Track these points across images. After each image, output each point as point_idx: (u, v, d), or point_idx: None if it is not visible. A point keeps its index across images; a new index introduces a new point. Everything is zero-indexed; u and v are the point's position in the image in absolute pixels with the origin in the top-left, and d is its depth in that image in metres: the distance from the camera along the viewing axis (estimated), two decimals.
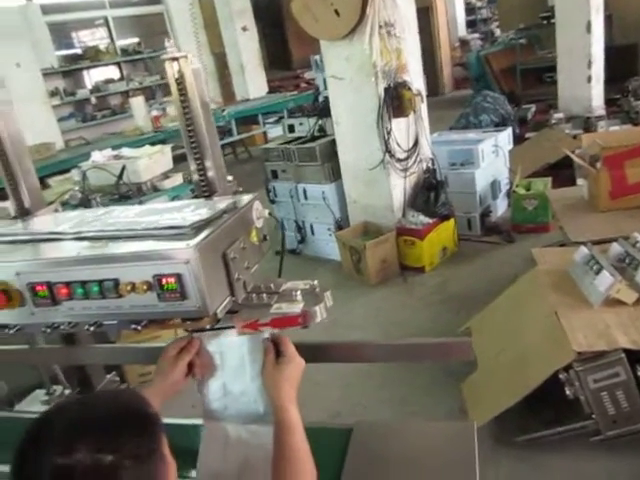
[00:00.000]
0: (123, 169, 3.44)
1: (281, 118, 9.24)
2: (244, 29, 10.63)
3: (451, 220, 4.49)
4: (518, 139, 6.17)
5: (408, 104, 4.03)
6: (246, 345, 1.36)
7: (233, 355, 1.38)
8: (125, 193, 3.47)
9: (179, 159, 4.51)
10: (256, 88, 10.85)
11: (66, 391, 2.37)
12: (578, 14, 6.44)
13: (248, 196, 1.44)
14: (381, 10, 3.86)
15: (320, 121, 4.95)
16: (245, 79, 10.85)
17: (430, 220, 4.30)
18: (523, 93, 8.82)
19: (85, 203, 3.26)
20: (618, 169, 3.27)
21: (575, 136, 5.79)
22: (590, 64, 6.58)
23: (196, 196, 1.56)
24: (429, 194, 4.34)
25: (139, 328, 1.22)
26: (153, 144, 4.45)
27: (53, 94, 9.71)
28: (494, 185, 5.05)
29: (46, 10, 9.95)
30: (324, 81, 5.23)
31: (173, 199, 3.40)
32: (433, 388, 2.97)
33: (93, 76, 11.33)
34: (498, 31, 13.02)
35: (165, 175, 3.81)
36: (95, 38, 11.55)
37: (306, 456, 1.16)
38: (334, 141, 4.60)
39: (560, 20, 6.74)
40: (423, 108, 4.44)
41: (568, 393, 2.24)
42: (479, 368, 2.74)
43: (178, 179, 3.84)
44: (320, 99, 5.42)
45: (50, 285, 1.19)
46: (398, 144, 4.23)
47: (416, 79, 4.30)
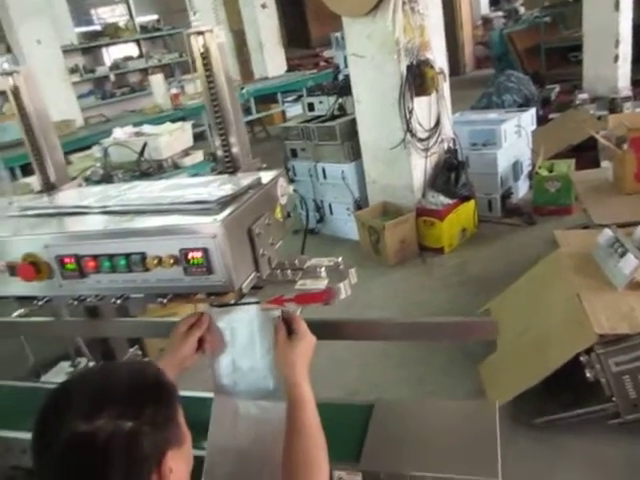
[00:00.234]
0: (144, 146, 3.45)
1: (300, 97, 9.18)
2: (263, 6, 10.53)
3: (471, 201, 4.45)
4: (541, 120, 6.05)
5: (430, 83, 3.97)
6: (256, 322, 1.37)
7: (243, 332, 1.39)
8: (146, 170, 3.48)
9: (198, 137, 4.52)
10: (275, 66, 10.77)
11: (90, 363, 2.41)
12: None
13: (272, 172, 1.44)
14: None
15: (340, 100, 4.90)
16: (264, 57, 10.77)
17: (450, 201, 4.27)
18: (547, 73, 8.64)
19: (107, 179, 3.28)
20: None
21: (600, 117, 5.68)
22: (617, 43, 6.41)
23: (220, 172, 1.56)
24: (450, 174, 4.30)
25: (164, 302, 1.23)
26: (173, 122, 4.45)
27: (73, 71, 9.74)
28: (516, 166, 4.98)
29: None
30: (344, 59, 5.18)
31: (193, 176, 3.40)
32: (451, 369, 2.97)
33: (112, 53, 11.33)
34: (522, 9, 12.70)
35: (185, 152, 3.82)
36: (114, 15, 11.55)
37: (318, 431, 1.18)
38: (354, 120, 4.56)
39: None
40: (445, 87, 4.37)
41: (589, 376, 2.23)
42: (498, 349, 2.73)
43: (198, 156, 3.84)
44: (340, 77, 5.36)
45: (78, 258, 1.20)
46: (419, 123, 4.18)
47: (439, 57, 4.23)
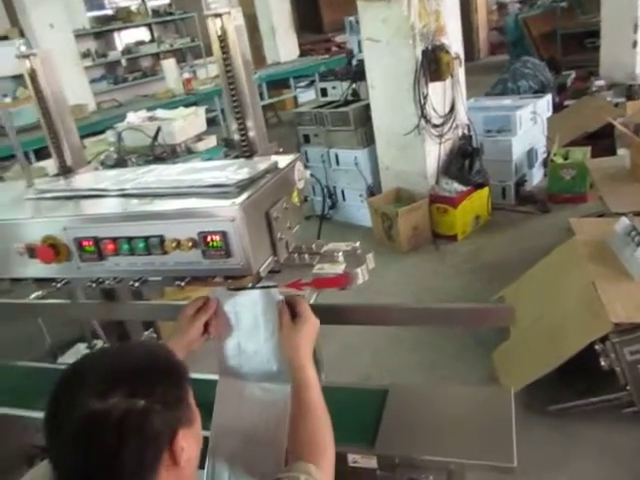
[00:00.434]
0: (158, 130, 3.44)
1: (312, 82, 9.13)
2: None
3: (485, 188, 4.41)
4: (557, 107, 5.98)
5: (446, 68, 3.93)
6: (260, 306, 1.38)
7: (247, 315, 1.40)
8: (159, 154, 3.49)
9: (210, 122, 4.51)
10: (287, 51, 10.68)
11: (106, 345, 2.44)
12: None
13: (289, 157, 1.43)
14: None
15: (354, 85, 4.87)
16: (276, 42, 10.68)
17: (464, 188, 4.24)
18: (562, 59, 8.52)
19: (121, 164, 3.29)
20: None
21: (617, 104, 5.60)
22: (636, 28, 6.29)
23: (237, 156, 1.55)
24: (464, 161, 4.26)
25: (182, 285, 1.23)
26: (186, 107, 4.44)
27: (85, 56, 9.72)
28: (531, 153, 4.93)
29: None
30: (358, 44, 5.12)
31: (207, 161, 3.41)
32: (463, 355, 2.97)
33: (123, 38, 11.29)
34: None
35: (199, 137, 3.81)
36: None
37: (323, 412, 1.20)
38: (368, 106, 4.53)
39: None
40: (461, 72, 4.33)
41: (603, 364, 2.22)
42: (512, 336, 2.73)
43: (212, 141, 3.84)
44: (354, 62, 5.31)
45: (97, 240, 1.21)
46: (434, 109, 4.15)
47: (454, 42, 4.19)
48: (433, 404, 1.50)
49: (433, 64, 3.95)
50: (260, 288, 1.34)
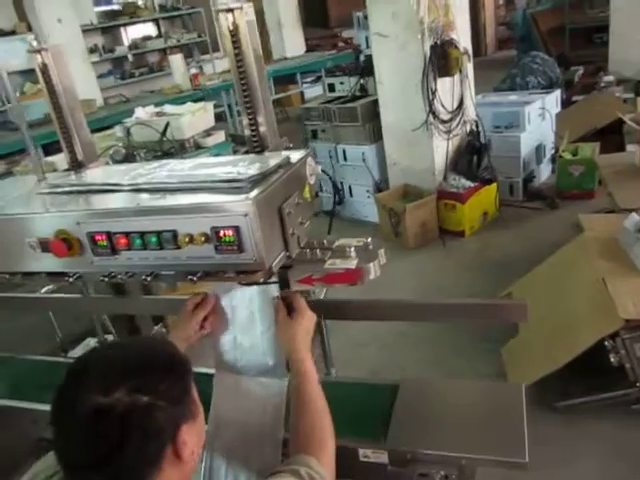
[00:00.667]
0: (167, 126, 3.44)
1: (319, 78, 9.11)
2: None
3: (493, 184, 4.40)
4: (565, 103, 5.95)
5: (455, 63, 3.92)
6: (256, 301, 1.40)
7: (244, 310, 1.42)
8: (168, 150, 3.49)
9: (217, 118, 4.50)
10: (294, 47, 10.66)
11: (114, 340, 2.45)
12: None
13: (301, 152, 1.44)
14: None
15: (362, 80, 4.85)
16: (283, 37, 10.67)
17: (472, 184, 4.23)
18: (571, 54, 8.47)
19: (129, 159, 3.29)
20: None
21: (626, 100, 5.57)
22: None
23: (247, 151, 1.55)
24: (472, 157, 4.25)
25: (195, 279, 1.23)
26: (193, 102, 4.44)
27: (92, 51, 9.72)
28: (539, 149, 4.91)
29: None
30: (366, 39, 5.12)
31: (215, 156, 3.41)
32: (470, 351, 2.97)
33: (130, 33, 11.28)
34: None
35: (207, 132, 3.81)
36: None
37: (323, 405, 1.21)
38: (376, 101, 4.51)
39: None
40: (469, 68, 4.31)
41: (613, 361, 2.21)
42: (520, 333, 2.72)
43: (220, 137, 3.83)
44: (361, 58, 5.30)
45: (110, 235, 1.21)
46: (442, 105, 4.13)
47: (463, 37, 4.17)
48: (444, 399, 1.50)
49: (442, 59, 3.94)
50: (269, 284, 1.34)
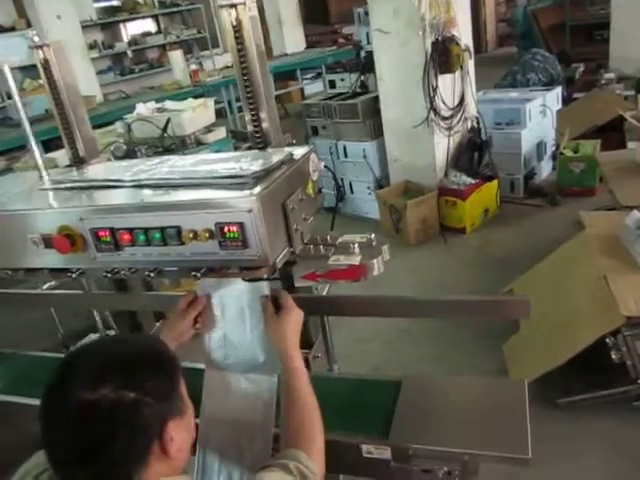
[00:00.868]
0: (168, 122, 3.44)
1: (319, 74, 9.09)
2: None
3: (494, 181, 4.40)
4: (565, 100, 5.95)
5: (456, 60, 3.91)
6: (246, 297, 1.40)
7: (234, 307, 1.42)
8: (169, 146, 3.48)
9: (217, 114, 4.49)
10: (294, 43, 10.63)
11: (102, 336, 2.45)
12: None
13: (304, 148, 1.44)
14: None
15: (362, 77, 4.85)
16: (283, 33, 10.64)
17: (473, 181, 4.22)
18: (571, 51, 8.45)
19: (130, 155, 3.28)
20: None
21: (626, 97, 5.57)
22: None
23: (250, 147, 1.55)
24: (473, 154, 4.25)
25: (198, 275, 1.24)
26: (194, 98, 4.42)
27: (91, 47, 9.70)
28: (540, 146, 4.91)
29: None
30: (367, 35, 5.10)
31: (216, 152, 3.40)
32: (471, 348, 2.97)
33: (129, 29, 11.25)
34: None
35: (208, 129, 3.81)
36: None
37: (312, 400, 1.23)
38: (376, 98, 4.51)
39: None
40: (470, 64, 4.30)
41: (614, 358, 2.22)
42: (521, 329, 2.73)
43: (221, 133, 3.83)
44: (362, 54, 5.29)
45: (113, 231, 1.21)
46: (443, 101, 4.13)
47: (464, 34, 4.16)
48: (447, 395, 1.50)
49: (443, 56, 3.93)
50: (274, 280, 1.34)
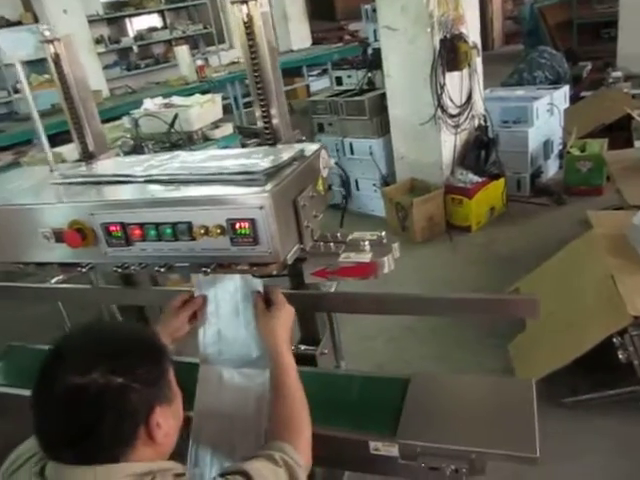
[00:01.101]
0: (175, 117, 3.44)
1: (324, 71, 9.08)
2: None
3: (501, 180, 4.38)
4: (572, 98, 5.93)
5: (464, 57, 3.90)
6: (240, 293, 1.41)
7: (228, 302, 1.44)
8: (176, 141, 3.49)
9: (223, 110, 4.49)
10: (299, 39, 10.59)
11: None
12: None
13: (314, 145, 1.43)
14: None
15: (369, 74, 4.83)
16: (289, 29, 10.61)
17: (479, 179, 4.21)
18: (578, 49, 8.41)
19: (137, 150, 3.29)
20: None
21: (634, 96, 5.54)
22: None
23: (260, 144, 1.55)
24: (479, 152, 4.24)
25: (208, 271, 1.24)
26: (202, 94, 4.42)
27: (98, 42, 9.70)
28: (547, 145, 4.89)
29: None
30: (374, 32, 5.09)
31: (223, 148, 3.41)
32: (476, 346, 2.97)
33: (135, 24, 11.24)
34: None
35: (215, 124, 3.81)
36: None
37: (300, 395, 1.26)
38: (383, 95, 4.49)
39: None
40: (478, 62, 4.29)
41: (621, 357, 2.21)
42: (528, 329, 2.72)
43: (228, 129, 3.83)
44: (369, 51, 5.28)
45: (124, 226, 1.22)
46: (451, 99, 4.12)
47: (473, 31, 4.14)
48: (455, 393, 1.51)
49: (451, 53, 3.91)
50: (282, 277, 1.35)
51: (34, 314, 3.30)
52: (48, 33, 1.65)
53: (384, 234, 1.34)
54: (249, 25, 1.37)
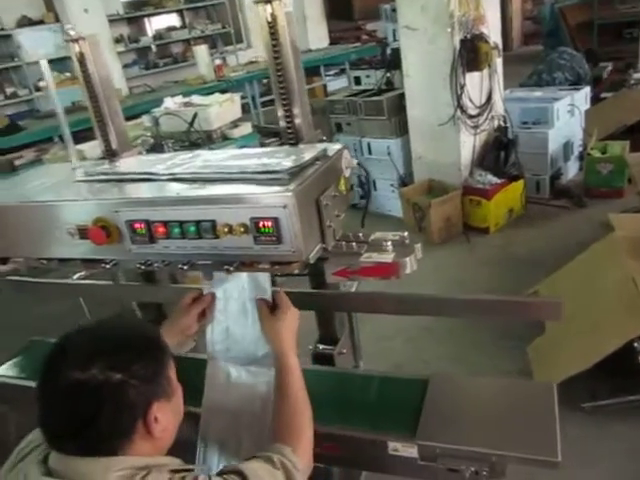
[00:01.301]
0: (195, 116, 3.46)
1: (342, 70, 9.07)
2: None
3: (520, 181, 4.35)
4: (593, 99, 5.86)
5: (484, 57, 3.87)
6: (248, 291, 1.42)
7: (236, 300, 1.45)
8: (195, 140, 3.51)
9: (241, 109, 4.51)
10: (317, 39, 10.61)
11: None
12: None
13: (337, 145, 1.43)
14: None
15: (388, 74, 4.82)
16: (307, 29, 10.62)
17: (498, 180, 4.18)
18: (599, 50, 8.31)
19: (157, 149, 3.31)
20: None
21: None
22: None
23: (282, 143, 1.55)
24: (499, 153, 4.21)
25: (231, 269, 1.25)
26: (220, 93, 4.45)
27: (117, 41, 9.79)
28: (567, 146, 4.84)
29: None
30: (393, 32, 5.08)
31: (242, 148, 3.42)
32: (493, 348, 2.95)
33: (154, 24, 11.32)
34: None
35: (234, 124, 3.83)
36: None
37: (302, 397, 1.27)
38: (402, 95, 4.48)
39: None
40: (499, 63, 4.26)
41: None
42: (547, 332, 2.70)
43: (247, 128, 3.85)
44: (388, 51, 5.26)
45: (149, 223, 1.23)
46: (470, 100, 4.09)
47: (493, 31, 4.11)
48: (474, 395, 1.50)
49: (471, 53, 3.88)
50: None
51: (55, 310, 3.35)
52: (73, 32, 1.67)
53: (407, 234, 1.34)
54: (273, 25, 1.37)
